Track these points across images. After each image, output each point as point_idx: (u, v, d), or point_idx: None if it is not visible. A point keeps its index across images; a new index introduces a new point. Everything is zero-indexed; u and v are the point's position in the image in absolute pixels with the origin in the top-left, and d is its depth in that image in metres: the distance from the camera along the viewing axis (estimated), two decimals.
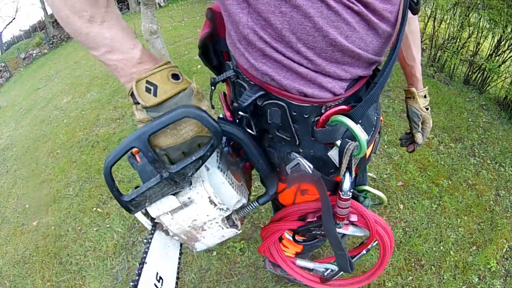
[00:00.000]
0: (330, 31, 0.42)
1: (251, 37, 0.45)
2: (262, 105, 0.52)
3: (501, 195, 1.86)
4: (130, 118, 3.13)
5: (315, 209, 0.65)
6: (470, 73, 3.01)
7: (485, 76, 2.89)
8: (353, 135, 0.49)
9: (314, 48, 0.44)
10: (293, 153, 0.55)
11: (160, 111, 0.43)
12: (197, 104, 0.45)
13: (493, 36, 2.80)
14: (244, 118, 0.57)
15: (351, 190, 0.56)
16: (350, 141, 0.50)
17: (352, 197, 0.61)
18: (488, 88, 2.91)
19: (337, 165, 0.54)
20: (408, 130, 0.89)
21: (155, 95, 0.43)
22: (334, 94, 0.48)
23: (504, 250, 1.57)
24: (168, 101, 0.43)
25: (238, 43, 0.48)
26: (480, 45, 2.91)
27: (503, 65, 2.80)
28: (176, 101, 0.44)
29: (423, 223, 1.66)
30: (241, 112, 0.51)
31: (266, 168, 0.56)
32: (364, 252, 0.78)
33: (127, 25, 0.44)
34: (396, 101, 2.64)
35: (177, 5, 9.50)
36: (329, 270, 0.92)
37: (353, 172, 0.54)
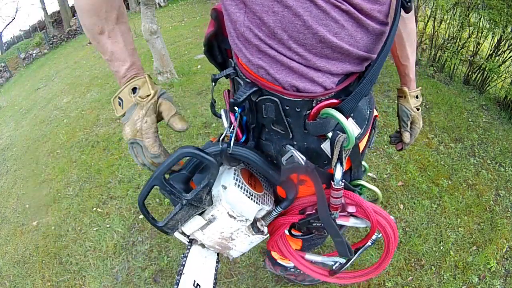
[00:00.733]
0: (319, 29, 0.45)
1: (247, 35, 0.48)
2: (256, 100, 0.55)
3: (501, 195, 1.86)
4: None
5: (314, 202, 0.67)
6: (470, 73, 3.01)
7: (485, 76, 2.89)
8: (342, 127, 0.51)
9: (305, 45, 0.46)
10: (288, 145, 0.58)
11: (127, 119, 0.55)
12: (137, 112, 0.54)
13: (493, 36, 2.80)
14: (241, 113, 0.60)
15: (343, 181, 0.58)
16: (340, 133, 0.52)
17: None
18: (488, 88, 2.91)
19: (330, 157, 0.56)
20: (398, 129, 0.90)
21: (122, 107, 0.56)
22: (325, 89, 0.51)
23: (504, 250, 1.57)
24: (127, 111, 0.55)
25: (236, 39, 0.52)
26: (480, 45, 2.91)
27: (503, 65, 2.80)
28: (128, 112, 0.55)
29: (423, 223, 1.66)
30: (236, 108, 0.55)
31: (277, 178, 0.62)
32: (370, 244, 0.79)
33: (129, 39, 0.54)
34: (396, 101, 2.64)
35: (177, 5, 9.51)
36: (338, 263, 0.93)
37: (344, 163, 0.56)
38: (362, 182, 0.69)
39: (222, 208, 0.59)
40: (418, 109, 0.83)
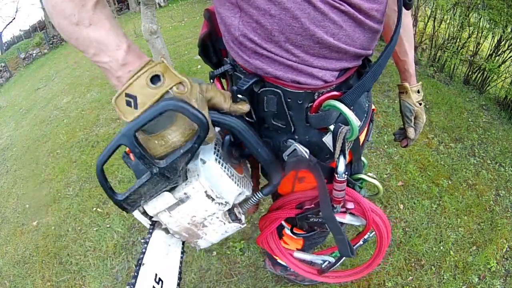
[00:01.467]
0: (316, 31, 0.45)
1: (241, 39, 0.48)
2: (259, 91, 0.54)
3: (501, 195, 1.86)
4: None
5: (312, 197, 0.66)
6: (470, 73, 3.01)
7: (485, 76, 2.89)
8: (345, 118, 0.51)
9: (302, 46, 0.46)
10: (289, 140, 0.58)
11: (159, 126, 0.42)
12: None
13: (493, 36, 2.80)
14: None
15: (346, 173, 0.58)
16: (342, 125, 0.53)
17: (348, 186, 0.63)
18: (488, 88, 2.91)
19: (332, 150, 0.56)
20: (402, 126, 0.90)
21: (135, 107, 0.40)
22: (325, 82, 0.51)
23: (504, 250, 1.57)
24: (151, 113, 0.41)
25: (231, 43, 0.52)
26: (480, 45, 2.91)
27: (503, 65, 2.80)
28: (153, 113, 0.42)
29: (423, 223, 1.66)
30: (240, 95, 0.52)
31: (266, 157, 0.55)
32: (361, 243, 0.78)
33: (116, 24, 0.42)
34: (396, 101, 2.64)
35: (177, 5, 9.51)
36: (327, 262, 0.93)
37: (347, 156, 0.56)
38: (363, 176, 0.69)
39: (199, 186, 0.49)
40: (420, 104, 0.83)
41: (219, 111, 0.49)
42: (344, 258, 0.82)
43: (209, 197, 0.50)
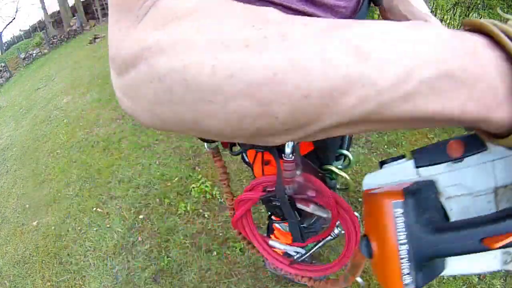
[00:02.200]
0: None
1: None
2: None
3: None
4: (130, 118, 3.13)
5: (273, 181, 0.69)
6: None
7: None
8: None
9: None
10: None
11: None
12: None
13: None
14: None
15: (294, 154, 0.59)
16: None
17: (319, 178, 0.64)
18: None
19: None
20: None
21: None
22: None
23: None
24: None
25: None
26: None
27: None
28: None
29: None
30: None
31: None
32: (330, 238, 0.78)
33: None
34: None
35: None
36: (299, 254, 0.93)
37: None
38: (332, 168, 0.70)
39: None
40: None
41: None
42: (313, 250, 0.82)
43: None
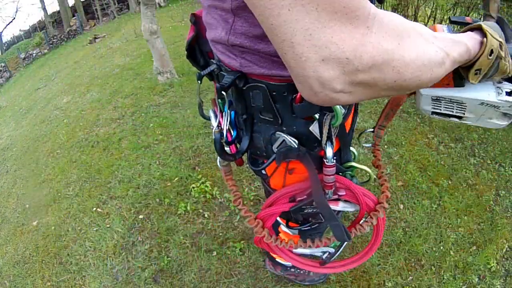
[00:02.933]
0: None
1: (230, 42, 0.51)
2: (244, 88, 0.56)
3: (501, 195, 1.86)
4: (130, 118, 3.13)
5: (303, 188, 0.68)
6: None
7: None
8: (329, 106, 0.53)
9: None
10: (277, 132, 0.60)
11: None
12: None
13: None
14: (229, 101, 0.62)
15: (335, 158, 0.60)
16: (327, 112, 0.54)
17: (339, 175, 0.65)
18: None
19: (319, 138, 0.58)
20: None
21: None
22: None
23: (504, 250, 1.57)
24: None
25: (214, 49, 0.56)
26: None
27: None
28: None
29: (423, 223, 1.66)
30: (224, 92, 0.55)
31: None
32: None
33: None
34: None
35: (177, 5, 9.52)
36: (327, 253, 0.93)
37: (334, 142, 0.58)
38: (353, 163, 0.71)
39: None
40: None
41: None
42: (343, 246, 0.82)
43: None
